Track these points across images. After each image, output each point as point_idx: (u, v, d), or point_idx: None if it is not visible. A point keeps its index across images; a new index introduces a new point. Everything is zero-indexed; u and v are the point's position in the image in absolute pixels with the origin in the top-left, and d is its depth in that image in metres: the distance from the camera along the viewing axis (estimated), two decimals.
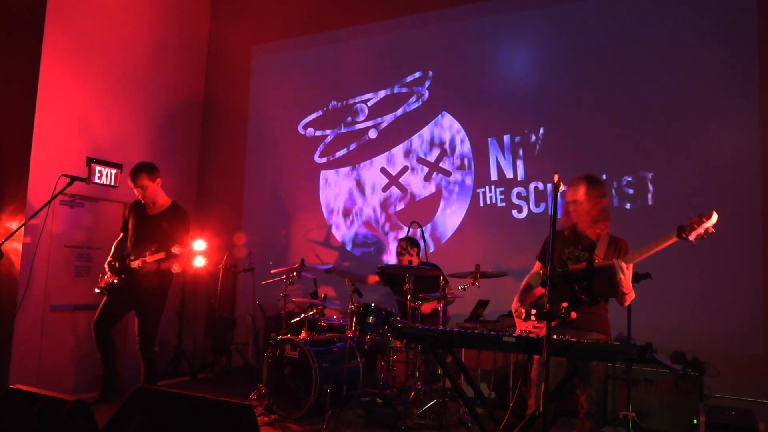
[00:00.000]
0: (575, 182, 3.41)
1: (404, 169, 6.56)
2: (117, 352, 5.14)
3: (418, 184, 6.46)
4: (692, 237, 2.90)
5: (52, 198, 4.43)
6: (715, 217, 2.88)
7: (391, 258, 6.45)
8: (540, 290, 3.37)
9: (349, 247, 6.79)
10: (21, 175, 5.23)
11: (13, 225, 5.14)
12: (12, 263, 5.10)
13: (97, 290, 4.88)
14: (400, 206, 6.55)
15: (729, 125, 5.08)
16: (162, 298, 4.96)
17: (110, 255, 5.00)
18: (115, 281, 4.80)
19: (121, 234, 5.11)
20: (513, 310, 3.39)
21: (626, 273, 3.01)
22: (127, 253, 4.89)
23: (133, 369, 5.59)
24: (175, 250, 4.54)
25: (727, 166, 5.00)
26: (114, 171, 5.81)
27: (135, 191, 4.94)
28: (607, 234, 3.33)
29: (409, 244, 5.49)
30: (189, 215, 5.06)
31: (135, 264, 4.65)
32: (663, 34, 5.39)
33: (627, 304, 3.21)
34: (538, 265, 3.56)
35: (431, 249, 6.13)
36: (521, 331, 3.22)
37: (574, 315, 3.07)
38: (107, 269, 4.91)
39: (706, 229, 2.89)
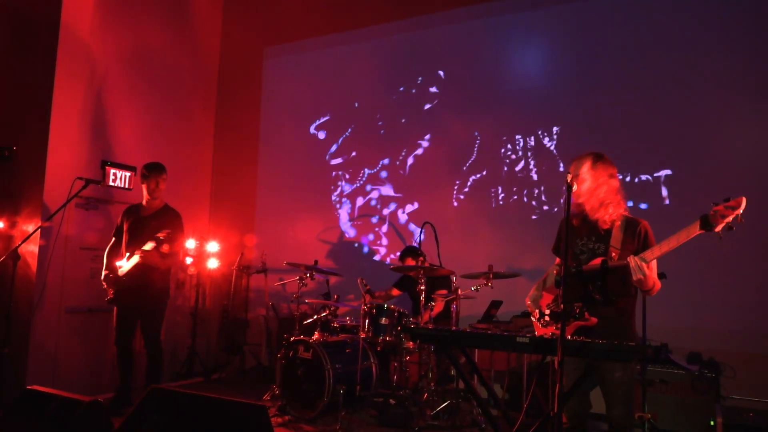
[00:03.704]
0: (579, 158, 3.09)
1: (417, 170, 6.55)
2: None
3: (430, 184, 6.45)
4: (719, 228, 2.55)
5: (68, 201, 4.46)
6: (744, 203, 2.51)
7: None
8: (553, 291, 3.29)
9: (360, 248, 6.79)
10: (36, 178, 5.28)
11: (29, 228, 5.19)
12: (28, 265, 5.16)
13: (107, 300, 4.83)
14: (413, 207, 6.54)
15: (746, 123, 5.02)
16: (165, 296, 4.98)
17: (104, 267, 4.91)
18: (111, 292, 4.77)
19: (114, 239, 5.02)
20: (528, 304, 3.28)
21: (647, 273, 2.75)
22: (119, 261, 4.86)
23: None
24: (147, 246, 4.58)
25: (744, 164, 4.94)
26: (128, 173, 5.86)
27: (146, 184, 4.93)
28: (623, 218, 3.00)
29: (411, 256, 5.49)
30: (180, 215, 5.05)
31: (138, 253, 4.62)
32: (678, 31, 5.33)
33: (654, 294, 2.95)
34: (558, 259, 3.32)
35: (443, 249, 6.11)
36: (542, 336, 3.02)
37: (594, 320, 2.88)
38: (105, 284, 4.83)
39: (735, 218, 2.52)
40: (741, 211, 2.52)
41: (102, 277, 4.88)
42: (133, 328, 4.92)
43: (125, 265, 4.74)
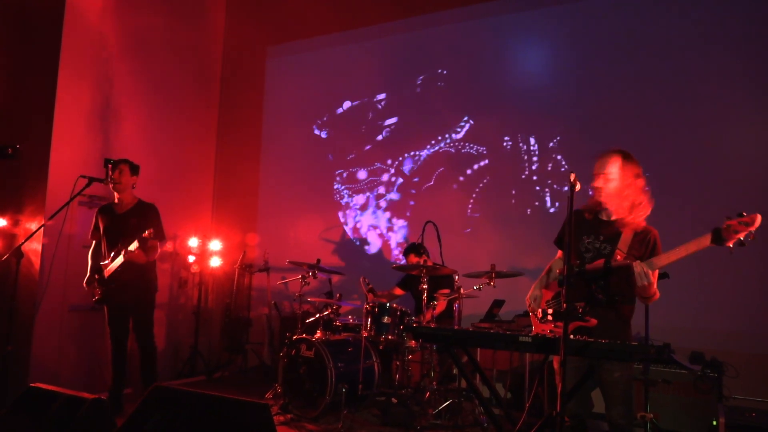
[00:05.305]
0: (607, 154, 3.01)
1: (418, 169, 6.55)
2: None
3: (432, 184, 6.44)
4: (731, 243, 2.49)
5: (71, 199, 4.47)
6: (758, 221, 2.44)
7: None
8: (555, 287, 3.27)
9: (363, 247, 6.79)
10: (40, 176, 5.29)
11: (33, 226, 5.21)
12: (31, 263, 5.17)
13: (94, 300, 4.76)
14: (415, 205, 6.53)
15: (749, 123, 5.01)
16: (154, 289, 4.90)
17: (89, 269, 4.82)
18: (99, 294, 4.71)
19: (93, 241, 4.92)
20: (528, 304, 3.26)
21: (650, 281, 2.70)
22: (103, 261, 4.78)
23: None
24: (131, 247, 4.42)
25: (747, 164, 4.92)
26: None
27: (111, 178, 4.77)
28: (638, 225, 2.94)
29: (414, 253, 5.47)
30: (156, 207, 4.94)
31: (123, 253, 4.50)
32: (681, 32, 5.32)
33: (651, 302, 2.95)
34: (560, 252, 3.28)
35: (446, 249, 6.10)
36: (538, 333, 3.03)
37: (594, 322, 2.87)
38: (87, 286, 4.75)
39: (748, 234, 2.46)
40: (755, 228, 2.46)
41: (85, 279, 4.77)
42: (127, 325, 4.85)
43: (111, 265, 4.64)
